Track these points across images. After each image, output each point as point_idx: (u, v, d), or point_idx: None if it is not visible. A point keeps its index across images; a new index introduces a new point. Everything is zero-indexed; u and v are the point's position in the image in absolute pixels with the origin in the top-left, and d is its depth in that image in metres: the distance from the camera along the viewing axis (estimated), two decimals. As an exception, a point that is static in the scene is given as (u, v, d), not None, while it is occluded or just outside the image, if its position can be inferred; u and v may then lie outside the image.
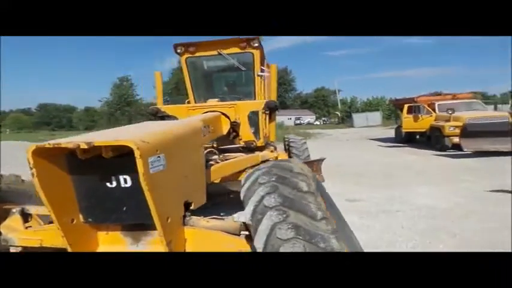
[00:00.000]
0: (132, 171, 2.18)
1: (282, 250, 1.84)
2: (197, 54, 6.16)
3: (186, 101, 6.57)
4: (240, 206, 2.41)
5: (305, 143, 7.82)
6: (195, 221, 2.58)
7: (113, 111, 27.26)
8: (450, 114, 12.82)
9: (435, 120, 14.04)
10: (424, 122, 14.59)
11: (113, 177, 2.20)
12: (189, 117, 4.45)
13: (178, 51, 5.99)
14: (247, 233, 2.65)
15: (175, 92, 50.86)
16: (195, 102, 6.31)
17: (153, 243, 2.44)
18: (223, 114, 4.94)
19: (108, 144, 1.97)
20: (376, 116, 42.96)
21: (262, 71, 6.45)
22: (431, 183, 7.74)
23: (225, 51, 5.91)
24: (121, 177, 2.20)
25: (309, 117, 70.51)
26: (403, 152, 13.74)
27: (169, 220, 2.25)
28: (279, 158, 5.55)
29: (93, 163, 2.19)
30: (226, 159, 4.47)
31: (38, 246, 2.67)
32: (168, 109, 5.39)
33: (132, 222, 2.35)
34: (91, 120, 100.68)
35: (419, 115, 14.99)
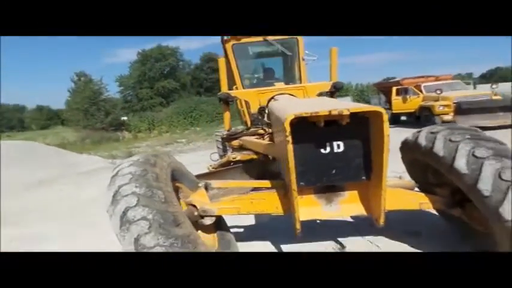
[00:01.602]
0: (347, 138, 2.46)
1: (510, 192, 2.18)
2: (243, 40, 6.30)
3: (234, 86, 6.70)
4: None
5: None
6: None
7: (87, 107, 26.25)
8: (439, 94, 13.78)
9: (423, 100, 14.99)
10: (413, 103, 15.53)
11: (327, 144, 2.46)
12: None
13: (225, 37, 6.11)
14: (418, 189, 3.00)
15: (138, 85, 49.48)
16: (243, 88, 6.47)
17: (343, 202, 2.73)
18: (292, 96, 5.21)
19: (361, 110, 2.23)
20: (347, 101, 44.28)
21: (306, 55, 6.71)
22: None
23: (270, 37, 6.12)
24: (335, 143, 2.46)
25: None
26: (399, 132, 14.47)
27: None
28: None
29: (312, 132, 2.42)
30: None
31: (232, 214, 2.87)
32: (239, 94, 5.57)
33: (341, 182, 2.61)
34: (46, 119, 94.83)
35: (407, 96, 15.93)
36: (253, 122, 5.84)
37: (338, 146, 2.46)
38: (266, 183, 3.02)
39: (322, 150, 2.46)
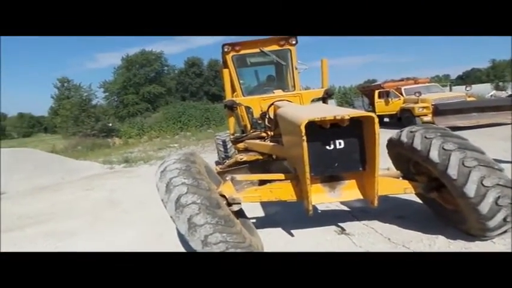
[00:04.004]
0: (346, 137, 3.13)
1: (471, 175, 2.89)
2: (242, 52, 6.94)
3: (234, 94, 7.32)
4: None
5: None
6: None
7: (77, 114, 26.43)
8: (418, 97, 14.73)
9: (404, 103, 15.95)
10: (394, 105, 16.48)
11: (331, 142, 3.12)
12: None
13: (226, 49, 6.75)
14: (402, 178, 3.69)
15: (123, 91, 49.39)
16: (243, 95, 7.10)
17: (344, 189, 3.40)
18: (290, 102, 5.87)
19: (357, 115, 2.91)
20: (334, 105, 45.34)
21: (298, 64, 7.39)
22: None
23: (266, 49, 6.79)
24: (337, 141, 3.13)
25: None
26: (384, 133, 15.34)
27: None
28: None
29: (319, 132, 3.09)
30: None
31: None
32: (243, 100, 6.19)
33: (342, 172, 3.28)
34: (28, 126, 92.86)
35: (389, 99, 16.89)
36: (252, 126, 6.47)
37: (339, 144, 3.13)
38: (280, 175, 3.67)
39: (327, 147, 3.13)
